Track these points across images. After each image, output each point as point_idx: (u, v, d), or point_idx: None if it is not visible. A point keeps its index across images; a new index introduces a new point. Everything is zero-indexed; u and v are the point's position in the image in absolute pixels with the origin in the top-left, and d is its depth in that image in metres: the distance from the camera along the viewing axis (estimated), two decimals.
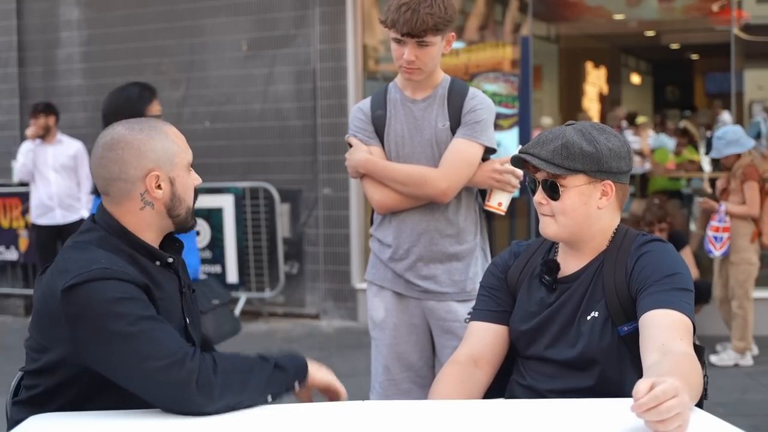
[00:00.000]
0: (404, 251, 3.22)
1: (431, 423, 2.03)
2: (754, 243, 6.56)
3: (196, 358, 2.02)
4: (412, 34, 3.04)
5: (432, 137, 3.19)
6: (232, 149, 8.77)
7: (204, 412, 1.99)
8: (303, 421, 2.04)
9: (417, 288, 3.23)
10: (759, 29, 9.02)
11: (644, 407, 1.72)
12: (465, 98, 3.19)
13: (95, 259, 2.08)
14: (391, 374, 3.27)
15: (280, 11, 8.61)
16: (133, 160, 2.17)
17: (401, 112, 3.23)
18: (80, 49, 9.50)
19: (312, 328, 8.28)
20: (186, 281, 2.32)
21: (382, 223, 3.29)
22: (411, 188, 3.17)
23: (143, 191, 2.17)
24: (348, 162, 3.27)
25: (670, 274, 2.22)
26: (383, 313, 3.28)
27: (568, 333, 2.32)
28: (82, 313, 2.00)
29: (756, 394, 5.84)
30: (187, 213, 2.26)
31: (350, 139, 3.28)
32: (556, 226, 2.32)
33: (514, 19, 8.89)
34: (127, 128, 2.21)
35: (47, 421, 2.06)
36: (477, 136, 3.16)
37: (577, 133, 2.29)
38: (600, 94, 13.43)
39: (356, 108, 3.32)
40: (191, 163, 2.27)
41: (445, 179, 3.13)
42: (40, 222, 7.98)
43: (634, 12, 10.86)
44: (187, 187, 2.24)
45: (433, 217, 3.21)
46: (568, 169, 2.26)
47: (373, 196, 3.24)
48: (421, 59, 3.09)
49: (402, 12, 3.03)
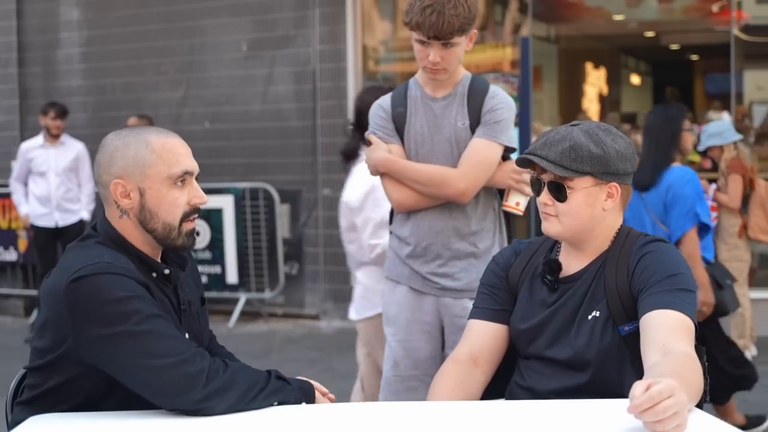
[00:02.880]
0: (422, 249, 3.22)
1: (431, 424, 2.03)
2: (742, 238, 6.60)
3: (207, 358, 2.02)
4: (438, 37, 3.02)
5: (451, 136, 3.17)
6: (232, 150, 8.77)
7: (209, 413, 1.99)
8: (303, 422, 2.04)
9: (434, 285, 3.22)
10: (759, 30, 9.02)
11: (640, 408, 1.72)
12: (485, 97, 3.17)
13: (98, 255, 2.08)
14: (400, 370, 3.27)
15: (279, 12, 8.62)
16: (105, 165, 2.16)
17: (421, 110, 3.21)
18: (80, 49, 9.50)
19: (312, 328, 8.28)
20: (187, 298, 2.27)
21: (401, 220, 3.28)
22: (430, 188, 3.16)
23: (115, 199, 2.15)
24: (367, 160, 3.27)
25: (672, 275, 2.22)
26: (396, 309, 3.28)
27: (569, 332, 2.32)
28: (86, 307, 1.99)
29: (755, 394, 5.83)
30: (166, 229, 2.15)
31: (370, 136, 3.27)
32: (560, 226, 2.32)
33: (514, 19, 8.89)
34: (116, 133, 2.21)
35: (47, 421, 2.05)
36: (496, 135, 3.14)
37: (584, 134, 2.28)
38: (600, 95, 13.42)
39: (377, 105, 3.29)
40: (181, 179, 2.16)
41: (463, 179, 3.12)
42: (39, 223, 7.97)
43: (634, 13, 10.85)
44: (163, 202, 2.14)
45: (452, 216, 3.20)
46: (576, 172, 2.26)
47: (392, 195, 3.24)
48: (446, 60, 3.08)
49: (427, 15, 2.99)
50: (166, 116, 8.88)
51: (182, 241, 2.19)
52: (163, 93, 9.18)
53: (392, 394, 3.27)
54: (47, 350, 2.09)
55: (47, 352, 2.09)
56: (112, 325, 1.98)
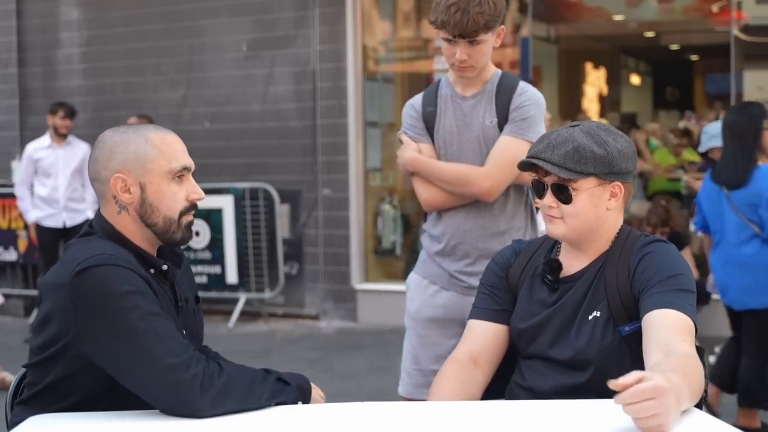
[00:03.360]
0: (452, 248, 3.23)
1: (431, 424, 2.03)
2: None
3: (201, 361, 2.00)
4: (464, 35, 3.02)
5: (480, 134, 3.17)
6: (232, 150, 8.77)
7: (203, 416, 1.98)
8: (303, 421, 2.04)
9: (461, 284, 3.23)
10: (758, 30, 9.02)
11: (624, 401, 1.75)
12: (513, 94, 3.16)
13: (100, 248, 2.08)
14: (420, 365, 3.27)
15: (279, 12, 8.61)
16: (104, 160, 2.16)
17: (450, 109, 3.22)
18: (80, 49, 9.50)
19: (311, 328, 8.28)
20: (184, 294, 2.27)
21: (434, 219, 3.30)
22: (456, 187, 3.17)
23: (114, 194, 2.16)
24: (398, 159, 3.30)
25: (673, 275, 2.22)
26: (418, 304, 3.29)
27: (569, 332, 2.32)
28: (90, 298, 1.99)
29: None
30: (166, 223, 2.17)
31: (401, 136, 3.29)
32: (566, 227, 2.32)
33: (514, 19, 8.89)
34: (113, 130, 2.21)
35: (47, 421, 2.05)
36: (523, 133, 3.13)
37: (586, 135, 2.29)
38: (600, 95, 13.42)
39: (408, 104, 3.31)
40: (180, 174, 2.18)
41: (489, 178, 3.12)
42: (46, 224, 7.95)
43: (634, 13, 10.86)
44: (164, 196, 2.16)
45: (480, 215, 3.20)
46: (580, 173, 2.26)
47: (421, 194, 3.25)
48: (473, 57, 3.08)
49: (452, 13, 2.99)
50: (166, 116, 8.88)
51: (182, 234, 2.20)
52: (163, 93, 9.18)
53: (413, 387, 3.27)
54: (48, 344, 2.08)
55: (48, 345, 2.08)
56: (112, 319, 1.99)
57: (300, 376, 2.21)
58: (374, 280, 8.56)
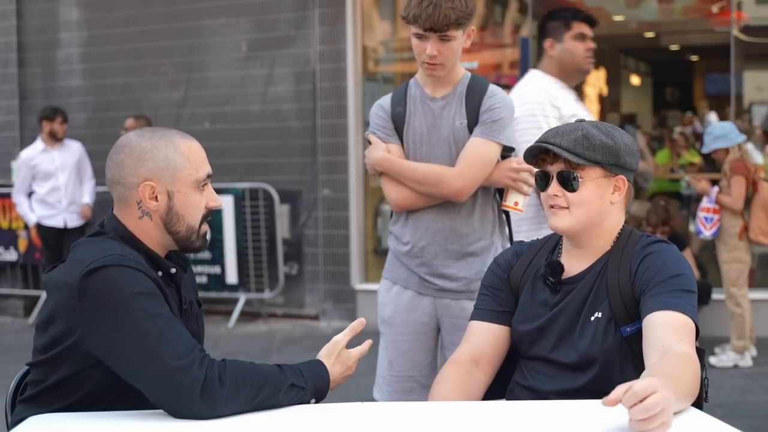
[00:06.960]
0: (420, 249, 3.22)
1: (431, 424, 2.03)
2: (743, 240, 6.60)
3: (204, 365, 1.99)
4: (435, 29, 3.04)
5: (449, 136, 3.18)
6: (232, 150, 8.77)
7: (204, 419, 1.97)
8: (303, 421, 2.04)
9: (432, 286, 3.22)
10: (758, 30, 9.02)
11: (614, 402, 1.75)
12: (483, 96, 3.17)
13: (110, 248, 2.08)
14: (395, 370, 3.26)
15: (279, 12, 8.61)
16: (132, 166, 2.15)
17: (420, 110, 3.22)
18: (80, 50, 9.50)
19: (311, 329, 8.28)
20: (188, 298, 2.28)
21: (400, 220, 3.29)
22: (427, 187, 3.16)
23: (139, 200, 2.15)
24: (366, 159, 3.29)
25: (674, 276, 2.23)
26: (391, 310, 3.28)
27: (572, 334, 2.32)
28: (99, 298, 1.99)
29: (755, 395, 5.84)
30: (189, 232, 2.19)
31: (369, 136, 3.29)
32: (571, 218, 2.32)
33: (514, 20, 8.89)
34: (139, 134, 2.20)
35: (47, 421, 2.05)
36: (494, 135, 3.14)
37: (593, 127, 2.31)
38: (600, 95, 13.41)
39: (377, 105, 3.31)
40: (203, 183, 2.20)
41: (460, 178, 3.13)
42: (48, 223, 8.05)
43: (634, 13, 10.85)
44: (190, 205, 2.18)
45: (449, 216, 3.20)
46: (588, 160, 2.27)
47: (390, 195, 3.25)
48: (443, 54, 3.09)
49: (424, 7, 3.03)
50: (166, 116, 8.88)
51: (200, 242, 2.23)
52: (163, 93, 9.18)
53: (388, 393, 3.28)
54: (54, 342, 2.08)
55: (54, 344, 2.08)
56: (119, 319, 1.98)
57: (318, 375, 2.17)
58: (374, 281, 8.54)
